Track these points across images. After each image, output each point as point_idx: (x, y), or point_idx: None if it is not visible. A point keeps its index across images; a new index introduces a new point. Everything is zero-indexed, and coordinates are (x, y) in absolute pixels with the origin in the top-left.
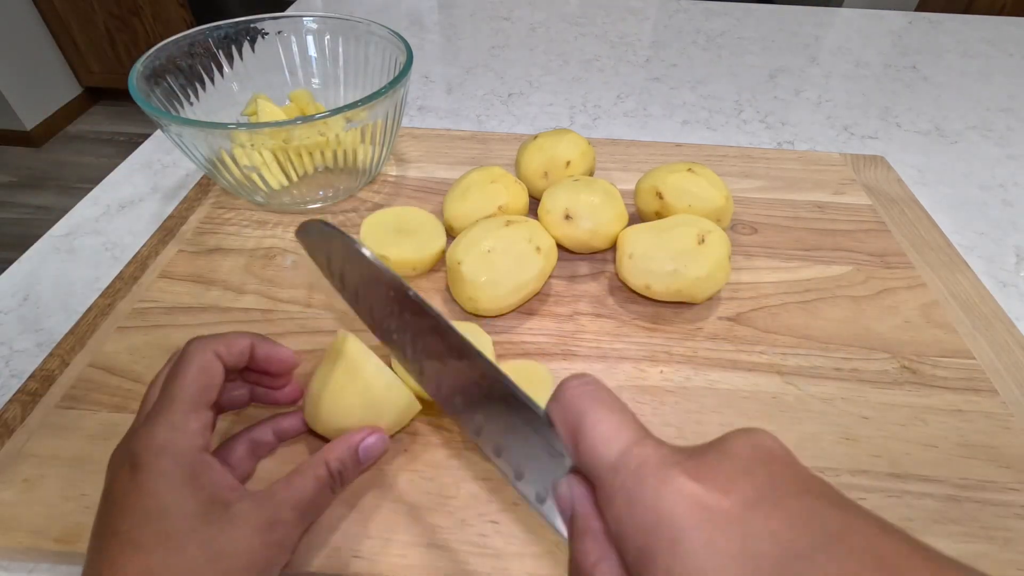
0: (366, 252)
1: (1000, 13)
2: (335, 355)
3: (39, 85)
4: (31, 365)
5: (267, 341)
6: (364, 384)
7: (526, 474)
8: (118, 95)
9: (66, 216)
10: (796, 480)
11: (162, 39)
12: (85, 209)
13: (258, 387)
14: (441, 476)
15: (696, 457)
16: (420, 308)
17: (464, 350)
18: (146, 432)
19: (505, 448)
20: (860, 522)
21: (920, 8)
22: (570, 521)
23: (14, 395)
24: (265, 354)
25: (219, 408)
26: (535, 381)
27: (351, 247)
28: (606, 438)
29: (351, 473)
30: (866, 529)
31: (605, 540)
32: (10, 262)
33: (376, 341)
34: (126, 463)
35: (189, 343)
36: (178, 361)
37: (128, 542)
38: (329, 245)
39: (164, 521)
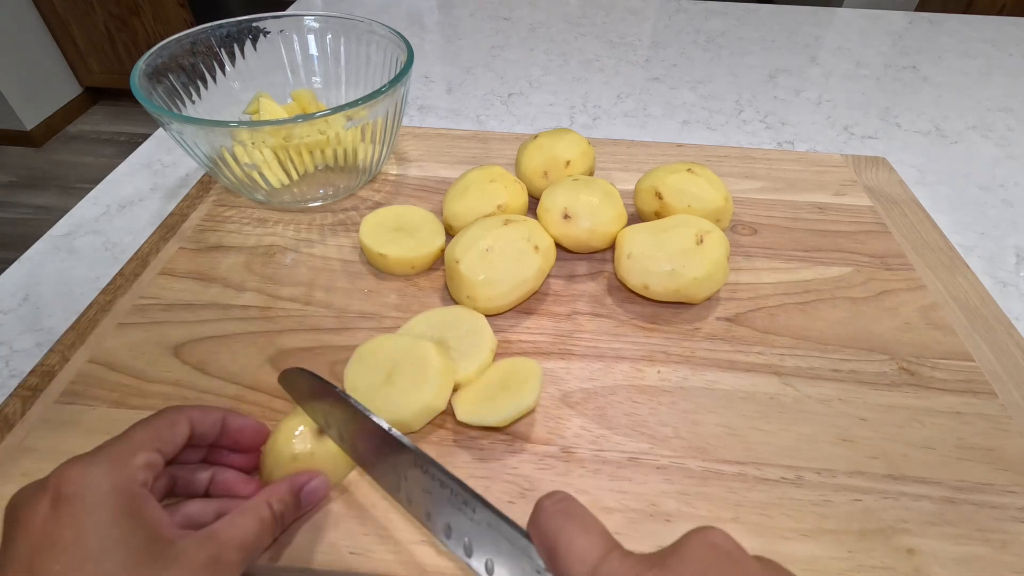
0: (352, 400)
1: (1000, 13)
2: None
3: (39, 85)
4: (31, 365)
5: (239, 415)
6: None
7: None
8: (118, 95)
9: (66, 216)
10: None
11: (162, 39)
12: (85, 209)
13: (219, 474)
14: None
15: (657, 566)
16: (400, 445)
17: (446, 480)
18: (75, 465)
19: (496, 566)
20: None
21: (920, 8)
22: None
23: (15, 390)
24: (238, 426)
25: (172, 476)
26: (524, 377)
27: (335, 395)
28: (578, 556)
29: (291, 515)
30: None
31: None
32: (10, 262)
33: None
34: (44, 498)
35: (165, 409)
36: (147, 417)
37: None
38: (312, 392)
39: (104, 559)
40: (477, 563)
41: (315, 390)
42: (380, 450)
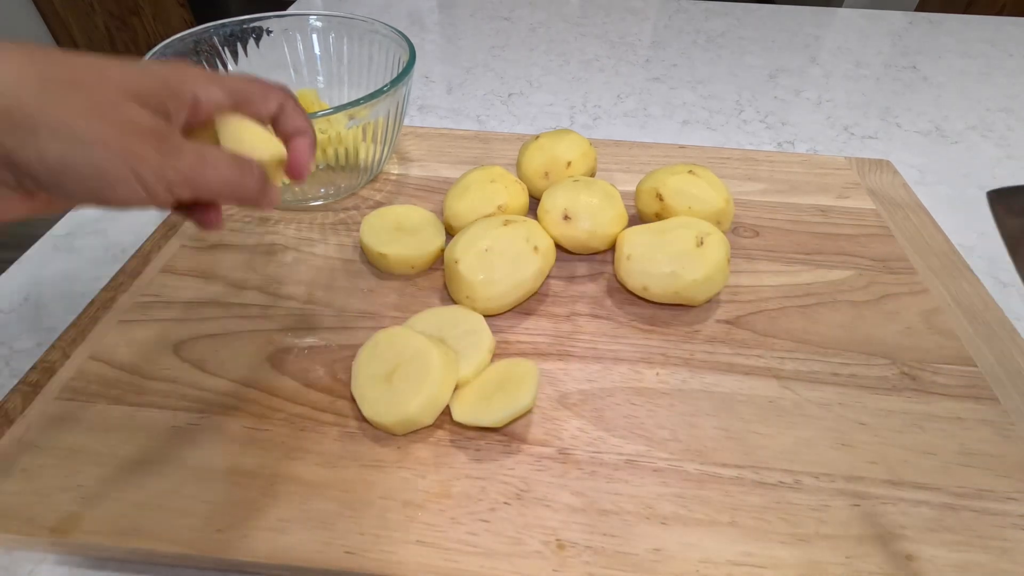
0: None
1: (1000, 13)
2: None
3: None
4: (31, 365)
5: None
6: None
7: None
8: None
9: (66, 216)
10: None
11: (162, 39)
12: (85, 209)
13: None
14: (433, 474)
15: None
16: None
17: None
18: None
19: None
20: None
21: (920, 8)
22: None
23: (15, 386)
24: (299, 157)
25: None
26: (520, 378)
27: None
28: None
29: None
30: None
31: None
32: (10, 262)
33: None
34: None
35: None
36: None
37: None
38: None
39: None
40: None
41: None
42: None
